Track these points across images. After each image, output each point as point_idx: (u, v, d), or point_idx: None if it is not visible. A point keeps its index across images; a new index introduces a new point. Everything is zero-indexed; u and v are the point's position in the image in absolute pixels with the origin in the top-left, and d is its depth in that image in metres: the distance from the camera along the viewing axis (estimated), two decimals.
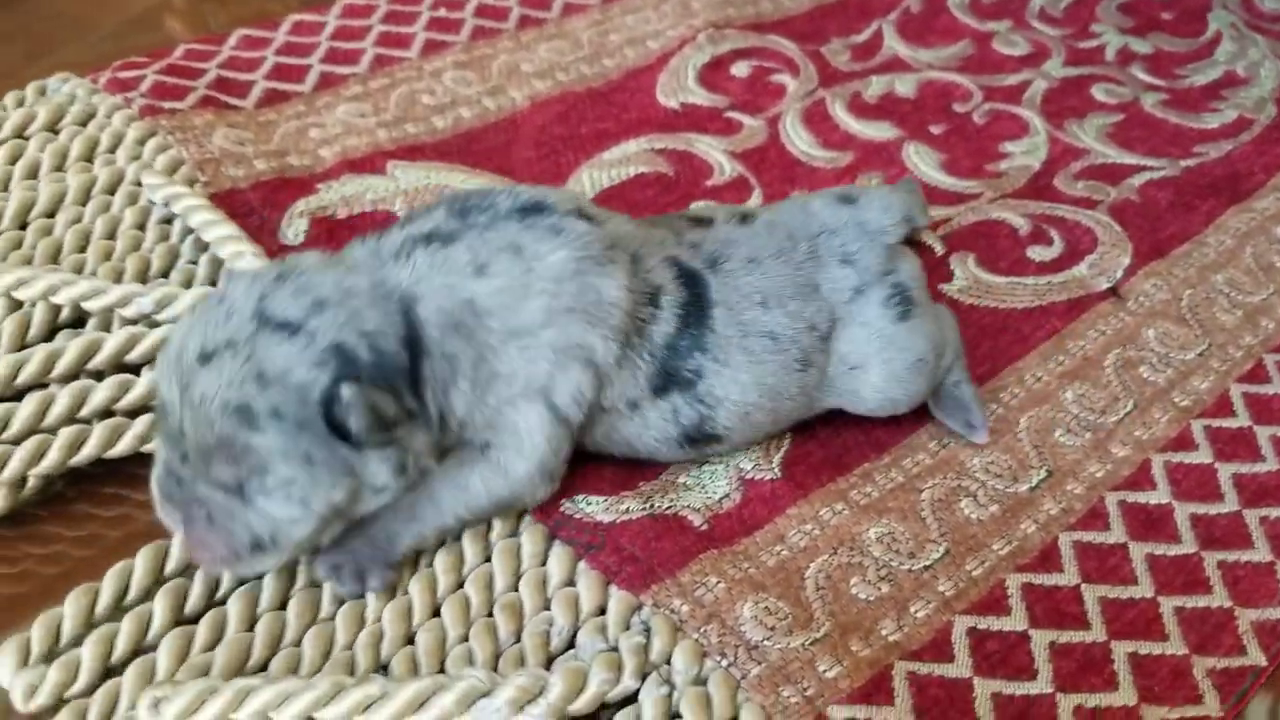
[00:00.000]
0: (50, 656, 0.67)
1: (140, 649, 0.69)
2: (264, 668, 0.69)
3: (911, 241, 0.94)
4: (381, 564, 0.72)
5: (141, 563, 0.72)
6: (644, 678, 0.70)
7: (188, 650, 0.69)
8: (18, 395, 0.79)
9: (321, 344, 0.66)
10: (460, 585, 0.74)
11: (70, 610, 0.69)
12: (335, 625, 0.71)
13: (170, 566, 0.72)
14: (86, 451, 0.78)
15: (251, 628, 0.70)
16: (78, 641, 0.68)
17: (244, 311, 0.66)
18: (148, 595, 0.71)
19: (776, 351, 0.80)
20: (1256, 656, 0.76)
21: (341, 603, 0.72)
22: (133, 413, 0.80)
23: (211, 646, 0.69)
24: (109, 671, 0.67)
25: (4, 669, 0.66)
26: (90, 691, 0.66)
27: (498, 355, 0.73)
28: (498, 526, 0.77)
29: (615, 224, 0.79)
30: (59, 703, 0.66)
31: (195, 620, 0.70)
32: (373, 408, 0.66)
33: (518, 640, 0.72)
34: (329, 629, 0.71)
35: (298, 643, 0.71)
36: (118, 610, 0.70)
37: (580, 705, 0.67)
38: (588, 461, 0.80)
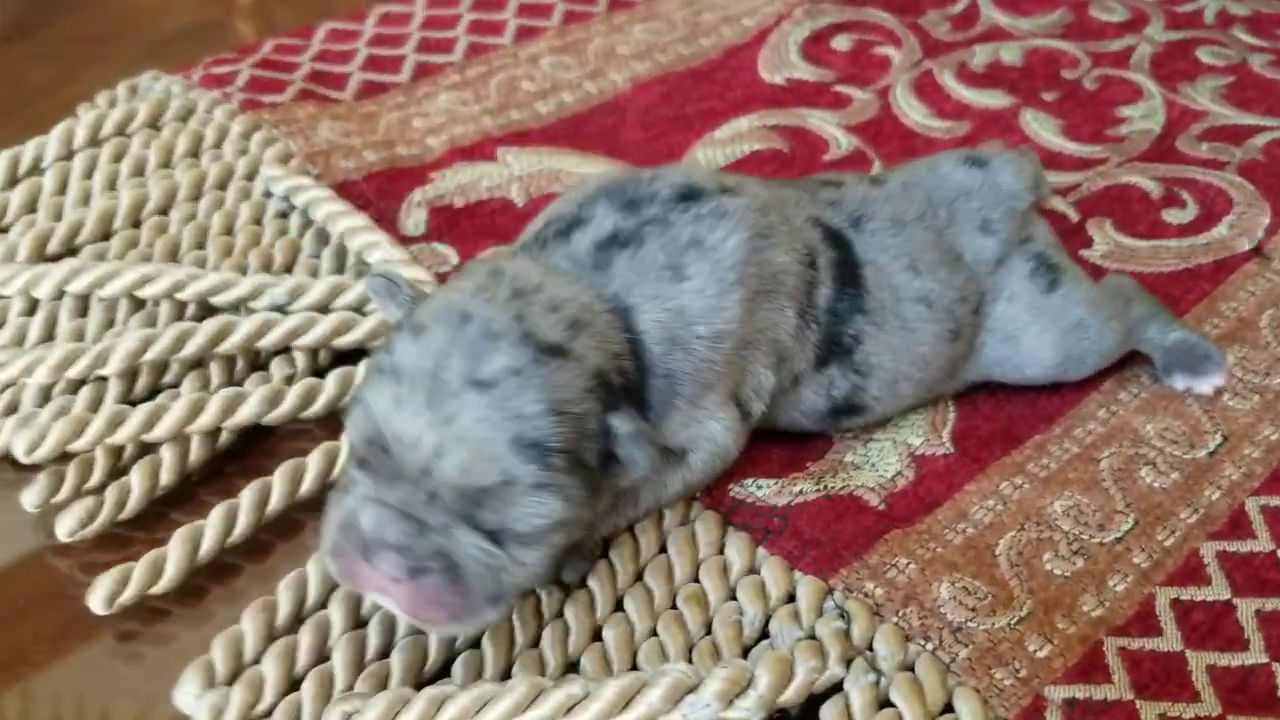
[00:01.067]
0: (233, 678, 0.63)
1: (321, 658, 0.65)
2: (443, 672, 0.65)
3: (1040, 210, 0.90)
4: (578, 554, 0.68)
5: (315, 570, 0.67)
6: (848, 664, 0.65)
7: (362, 657, 0.65)
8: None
9: (589, 369, 0.60)
10: (640, 577, 0.71)
11: (249, 626, 0.65)
12: (514, 623, 0.67)
13: None
14: (281, 411, 0.77)
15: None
16: (258, 659, 0.64)
17: (510, 333, 0.58)
18: (323, 604, 0.67)
19: (931, 320, 0.77)
20: None
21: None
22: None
23: (385, 653, 0.65)
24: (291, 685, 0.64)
25: (188, 694, 0.62)
26: (272, 710, 0.63)
27: (711, 365, 0.68)
28: (669, 515, 0.73)
29: (754, 188, 0.75)
30: None
31: (365, 624, 0.66)
32: (653, 442, 0.61)
33: (708, 632, 0.68)
34: (507, 628, 0.67)
35: (476, 644, 0.66)
36: (296, 623, 0.66)
37: (789, 696, 0.63)
38: (752, 443, 0.76)
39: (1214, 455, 0.81)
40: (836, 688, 0.66)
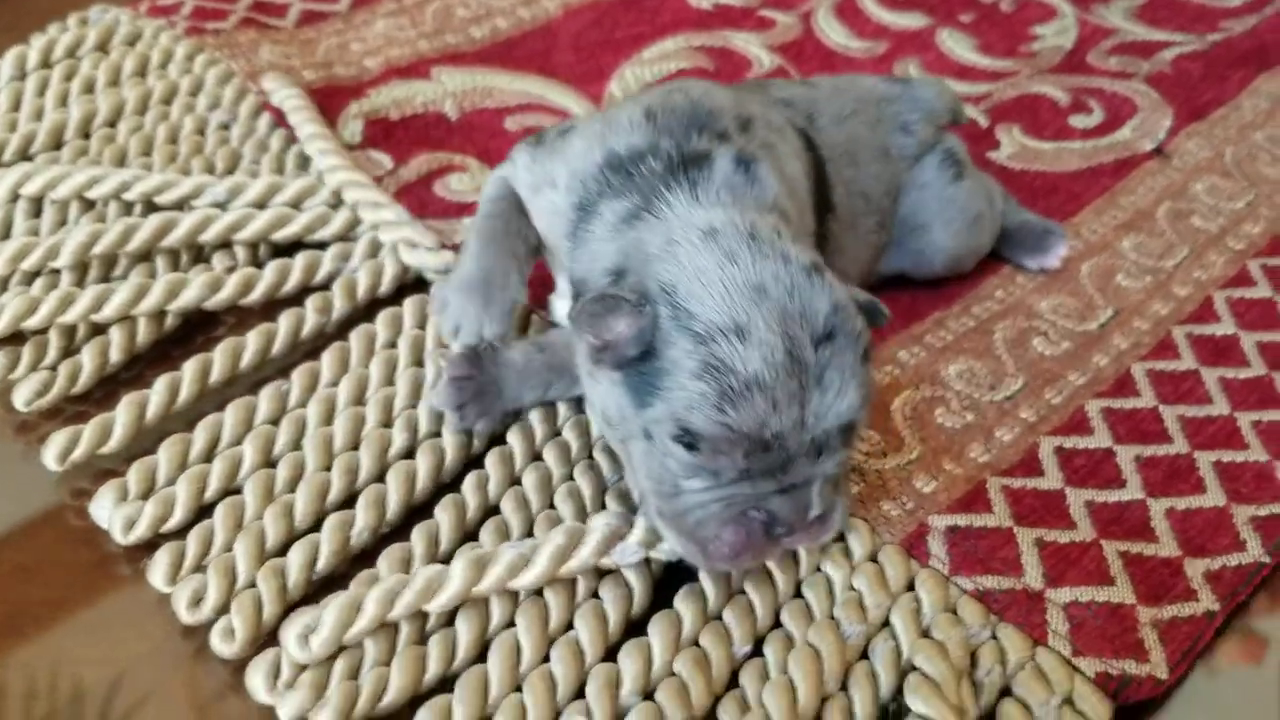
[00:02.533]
0: (146, 496, 0.69)
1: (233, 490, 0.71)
2: (348, 503, 0.70)
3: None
4: (498, 415, 0.73)
5: (232, 414, 0.73)
6: None
7: (271, 489, 0.70)
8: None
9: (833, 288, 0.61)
10: (558, 433, 0.75)
11: (164, 455, 0.71)
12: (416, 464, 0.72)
13: (259, 419, 0.74)
14: (221, 296, 0.81)
15: (328, 467, 0.72)
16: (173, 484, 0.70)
17: (798, 267, 0.60)
18: (238, 442, 0.73)
19: (867, 213, 0.82)
20: None
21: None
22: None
23: (292, 488, 0.70)
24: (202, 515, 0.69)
25: (104, 507, 0.68)
26: (185, 530, 0.68)
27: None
28: None
29: (739, 99, 0.74)
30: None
31: (275, 464, 0.72)
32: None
33: (620, 478, 0.72)
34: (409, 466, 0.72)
35: (380, 477, 0.71)
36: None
37: None
38: None
39: (1104, 328, 0.86)
40: None
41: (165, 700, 0.62)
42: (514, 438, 0.74)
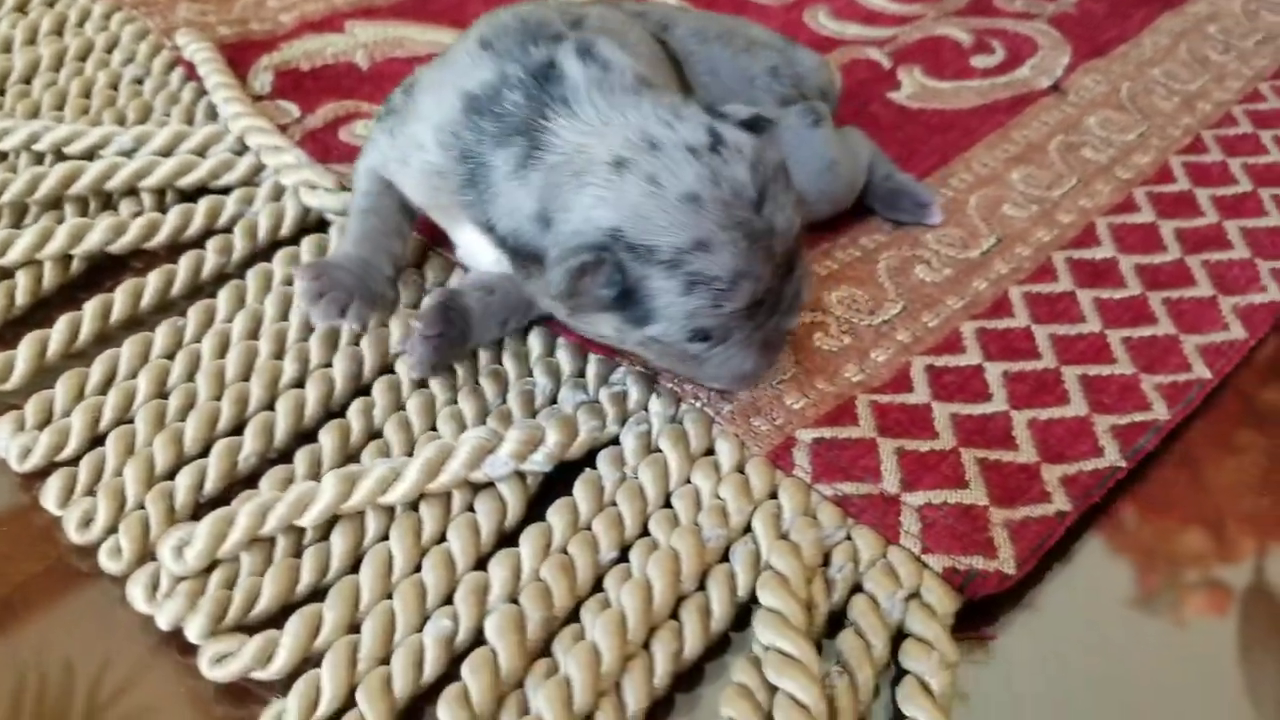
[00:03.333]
0: (41, 428, 0.72)
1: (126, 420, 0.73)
2: (237, 430, 0.73)
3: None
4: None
5: (128, 348, 0.76)
6: (624, 424, 0.73)
7: (163, 417, 0.73)
8: None
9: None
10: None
11: (60, 388, 0.73)
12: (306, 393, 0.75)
13: (154, 353, 0.76)
14: (125, 239, 0.84)
15: (219, 397, 0.74)
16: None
17: (710, 157, 0.64)
18: (133, 375, 0.75)
19: None
20: (1202, 372, 0.80)
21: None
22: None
23: (183, 416, 0.73)
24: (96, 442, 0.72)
25: (0, 437, 0.71)
26: (78, 458, 0.70)
27: None
28: None
29: (568, 6, 0.79)
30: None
31: (167, 395, 0.75)
32: None
33: (504, 401, 0.75)
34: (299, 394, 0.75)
35: (270, 406, 0.75)
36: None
37: (574, 450, 0.71)
38: None
39: (986, 254, 0.89)
40: (615, 442, 0.73)
41: (56, 612, 0.64)
42: (402, 367, 0.76)
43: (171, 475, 0.69)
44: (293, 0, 1.12)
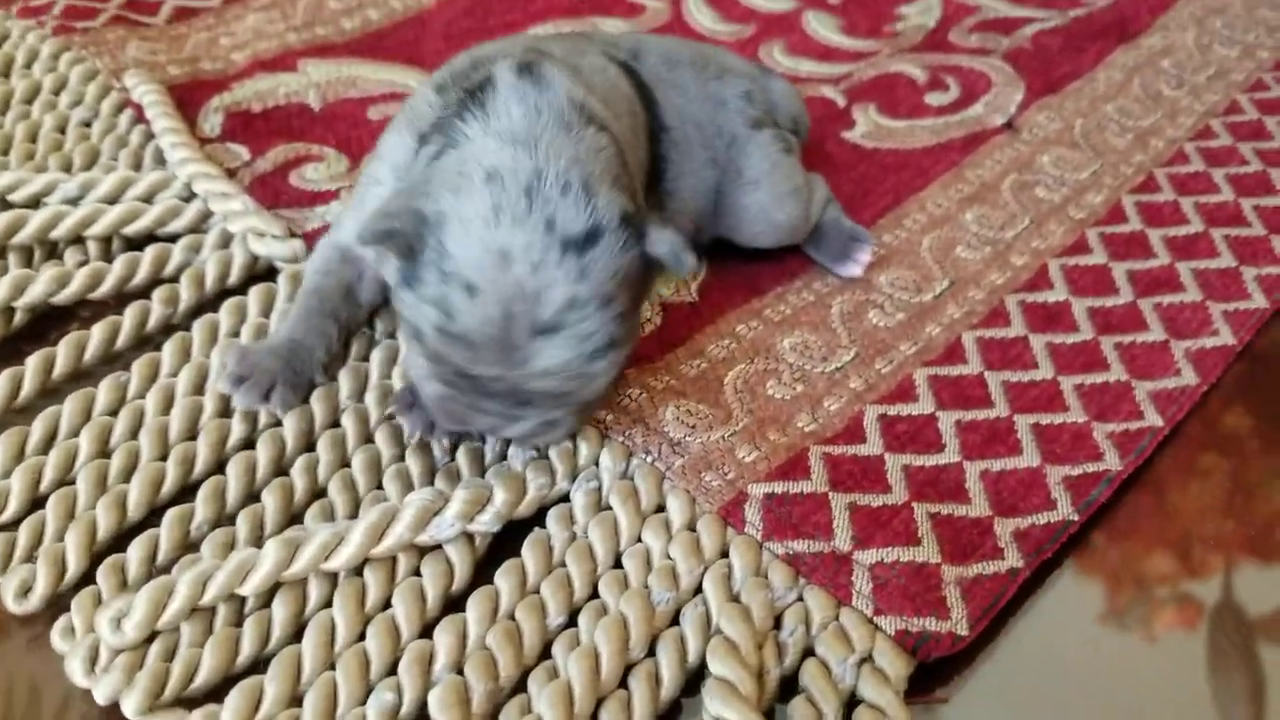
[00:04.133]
0: None
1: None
2: (183, 492, 0.72)
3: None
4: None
5: (70, 405, 0.75)
6: (574, 479, 0.73)
7: (105, 479, 0.72)
8: None
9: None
10: (392, 418, 0.77)
11: (1, 448, 0.72)
12: (257, 454, 0.74)
13: (97, 409, 0.75)
14: (69, 290, 0.82)
15: (164, 457, 0.73)
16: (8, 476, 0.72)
17: (554, 249, 0.63)
18: (75, 434, 0.74)
19: (702, 144, 0.85)
20: (1154, 419, 0.80)
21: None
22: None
23: (127, 477, 0.72)
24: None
25: None
26: (17, 522, 0.70)
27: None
28: None
29: (550, 46, 0.79)
30: None
31: (109, 455, 0.73)
32: None
33: (452, 459, 0.74)
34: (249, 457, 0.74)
35: (219, 468, 0.73)
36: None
37: (522, 509, 0.70)
38: None
39: (939, 298, 0.89)
40: (565, 499, 0.72)
41: None
42: (348, 420, 0.75)
43: (116, 542, 0.68)
44: (245, 39, 1.11)
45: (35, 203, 0.88)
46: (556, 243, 0.62)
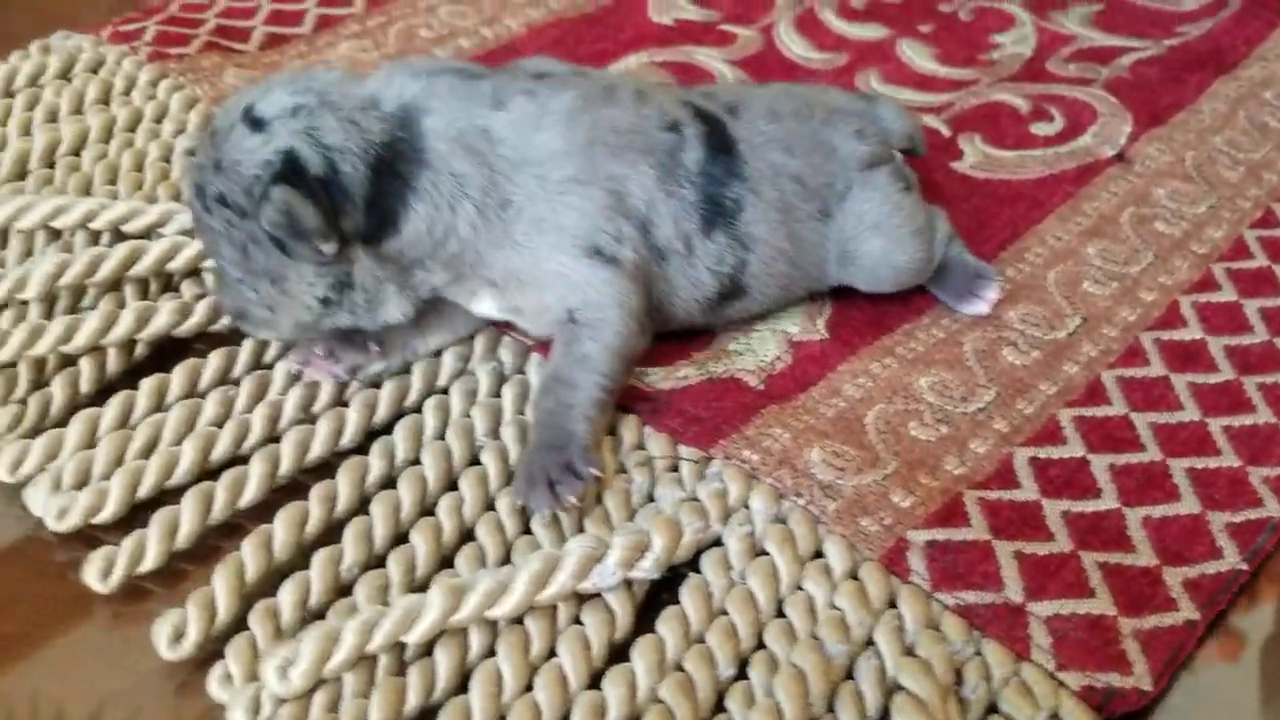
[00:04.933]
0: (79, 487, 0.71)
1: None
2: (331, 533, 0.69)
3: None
4: (569, 469, 0.71)
5: (174, 415, 0.75)
6: (726, 521, 0.71)
7: (209, 506, 0.70)
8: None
9: (278, 144, 0.69)
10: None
11: (102, 451, 0.72)
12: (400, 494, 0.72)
13: (201, 422, 0.75)
14: (191, 322, 0.82)
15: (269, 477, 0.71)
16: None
17: (235, 108, 0.70)
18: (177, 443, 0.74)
19: (804, 197, 0.83)
20: None
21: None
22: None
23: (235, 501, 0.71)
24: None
25: (38, 496, 0.70)
26: (115, 523, 0.70)
27: (511, 181, 0.74)
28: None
29: (614, 77, 0.82)
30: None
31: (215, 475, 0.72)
32: (288, 212, 0.68)
33: (599, 501, 0.72)
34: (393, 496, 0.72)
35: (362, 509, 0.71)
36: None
37: (680, 554, 0.68)
38: None
39: (1073, 335, 0.87)
40: (717, 543, 0.70)
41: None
42: (488, 458, 0.73)
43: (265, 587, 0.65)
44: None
45: (148, 233, 0.86)
46: (242, 108, 0.71)
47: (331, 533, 0.70)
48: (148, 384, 0.77)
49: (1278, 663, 0.69)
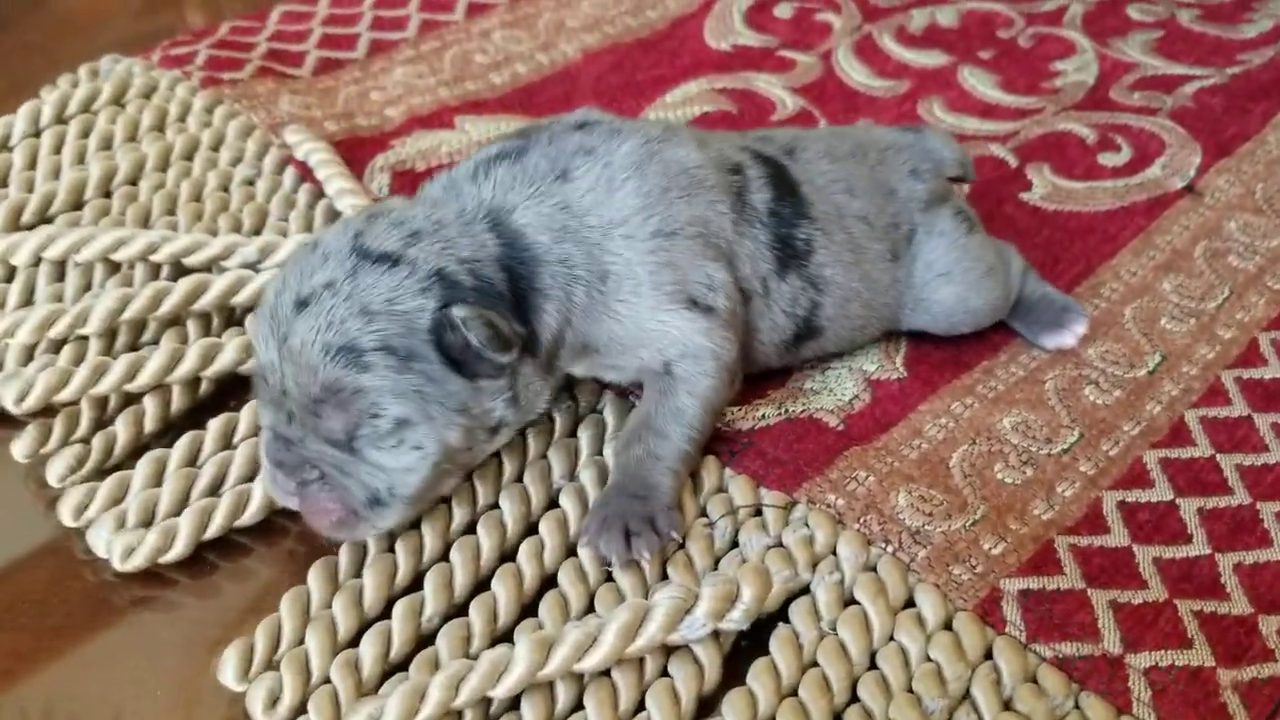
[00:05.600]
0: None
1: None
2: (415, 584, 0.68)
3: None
4: (649, 524, 0.69)
5: (243, 452, 0.74)
6: (813, 569, 0.69)
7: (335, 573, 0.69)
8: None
9: (424, 270, 0.64)
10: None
11: (168, 490, 0.71)
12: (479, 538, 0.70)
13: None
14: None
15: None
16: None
17: (340, 250, 0.64)
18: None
19: (872, 238, 0.81)
20: None
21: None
22: None
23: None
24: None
25: (102, 534, 0.69)
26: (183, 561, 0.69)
27: (605, 251, 0.71)
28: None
29: (658, 123, 0.79)
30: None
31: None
32: (490, 323, 0.64)
33: (681, 546, 0.70)
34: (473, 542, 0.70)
35: (443, 556, 0.70)
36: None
37: (770, 604, 0.67)
38: None
39: (1153, 374, 0.85)
40: (804, 591, 0.68)
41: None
42: (567, 502, 0.71)
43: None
44: (398, 93, 1.08)
45: (211, 266, 0.84)
46: (349, 248, 0.64)
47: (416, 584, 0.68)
48: (215, 424, 0.76)
49: None
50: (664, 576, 0.69)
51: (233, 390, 0.80)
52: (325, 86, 1.09)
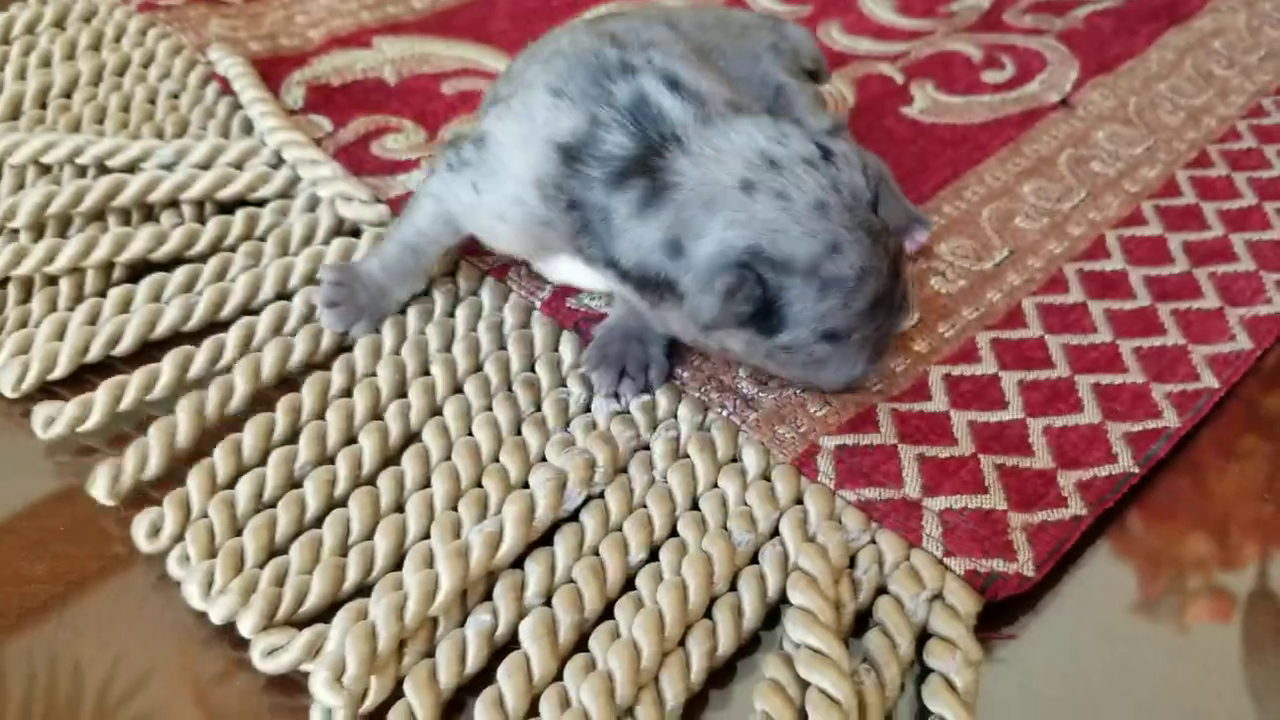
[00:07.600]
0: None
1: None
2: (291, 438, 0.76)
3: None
4: (644, 371, 0.80)
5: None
6: (654, 429, 0.76)
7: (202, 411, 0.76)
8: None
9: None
10: (479, 368, 0.81)
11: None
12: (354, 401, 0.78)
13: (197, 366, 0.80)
14: (166, 248, 0.87)
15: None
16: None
17: (826, 167, 0.71)
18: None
19: (756, 99, 0.86)
20: (1210, 381, 0.83)
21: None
22: None
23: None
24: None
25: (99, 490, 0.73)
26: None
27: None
28: (509, 318, 0.83)
29: (601, 30, 0.81)
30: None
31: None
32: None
33: (538, 409, 0.78)
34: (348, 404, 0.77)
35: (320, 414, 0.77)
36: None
37: (620, 463, 0.75)
38: None
39: (999, 266, 0.92)
40: (645, 448, 0.76)
41: (166, 679, 0.65)
42: (436, 369, 0.79)
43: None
44: (321, 16, 1.15)
45: (131, 168, 0.92)
46: (822, 164, 0.69)
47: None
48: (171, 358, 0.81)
49: (1166, 559, 0.74)
50: (517, 431, 0.76)
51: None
52: (254, 12, 1.15)
